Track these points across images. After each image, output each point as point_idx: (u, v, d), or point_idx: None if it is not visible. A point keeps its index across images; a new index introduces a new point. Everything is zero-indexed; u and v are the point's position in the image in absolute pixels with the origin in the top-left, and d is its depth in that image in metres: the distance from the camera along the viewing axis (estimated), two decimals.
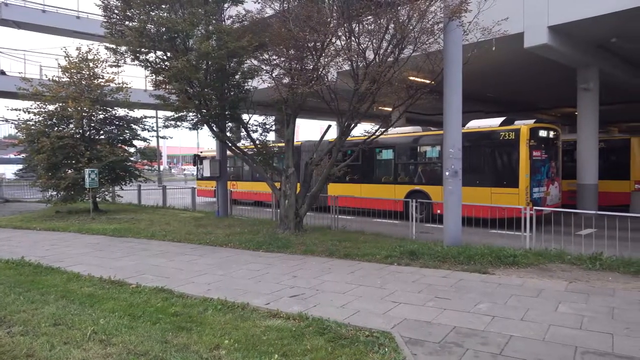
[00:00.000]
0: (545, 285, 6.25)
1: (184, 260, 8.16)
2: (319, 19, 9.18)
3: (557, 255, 7.68)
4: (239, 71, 11.37)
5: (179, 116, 11.88)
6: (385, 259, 7.85)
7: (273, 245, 9.16)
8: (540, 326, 4.70)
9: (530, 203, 11.19)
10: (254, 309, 5.27)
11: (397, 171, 14.85)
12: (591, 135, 14.75)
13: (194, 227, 11.85)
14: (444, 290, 6.07)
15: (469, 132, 12.53)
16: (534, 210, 8.63)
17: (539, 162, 12.36)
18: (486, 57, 10.51)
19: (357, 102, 9.99)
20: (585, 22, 11.22)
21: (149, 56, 11.28)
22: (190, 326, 4.71)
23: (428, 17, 8.72)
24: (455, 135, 8.68)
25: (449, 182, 8.68)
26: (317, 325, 4.65)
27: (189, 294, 5.96)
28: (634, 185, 15.05)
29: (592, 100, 14.74)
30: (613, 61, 15.38)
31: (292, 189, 10.71)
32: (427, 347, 4.21)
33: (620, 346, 4.17)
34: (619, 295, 5.76)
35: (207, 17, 10.59)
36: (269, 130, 12.56)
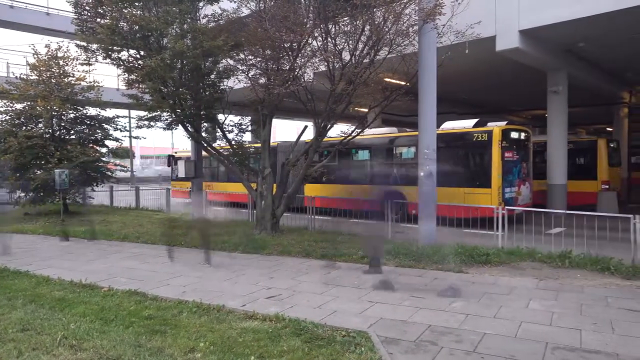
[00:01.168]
0: (516, 283, 6.39)
1: (158, 263, 8.03)
2: (296, 19, 9.17)
3: (528, 253, 7.87)
4: (215, 71, 11.26)
5: (153, 116, 11.67)
6: (362, 259, 7.89)
7: (249, 246, 9.10)
8: (512, 323, 4.81)
9: (502, 203, 11.43)
10: (230, 311, 5.22)
11: (373, 172, 14.94)
12: (560, 136, 15.18)
13: (168, 229, 11.63)
14: (419, 289, 6.14)
15: (443, 133, 12.71)
16: (505, 210, 8.82)
17: (511, 162, 12.64)
18: (460, 59, 10.70)
19: (333, 102, 10.03)
20: (553, 26, 11.54)
21: (122, 54, 11.05)
22: (165, 329, 4.63)
23: (403, 20, 8.82)
24: (430, 137, 8.81)
25: (424, 183, 8.80)
26: (294, 326, 4.64)
27: (164, 296, 5.86)
28: (600, 186, 15.55)
29: (561, 103, 15.16)
30: (581, 65, 15.87)
31: (269, 190, 10.67)
32: (402, 346, 4.26)
33: (588, 341, 4.31)
34: (586, 292, 5.94)
35: (182, 16, 10.44)
36: (245, 130, 12.47)
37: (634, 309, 5.22)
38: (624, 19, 11.01)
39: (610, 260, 7.08)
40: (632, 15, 10.66)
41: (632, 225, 7.09)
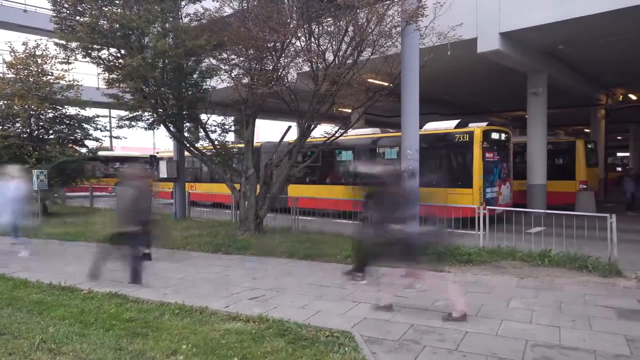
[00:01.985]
0: (497, 282, 6.49)
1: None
2: (279, 19, 9.15)
3: (509, 252, 7.98)
4: (197, 70, 11.17)
5: (134, 116, 11.52)
6: (346, 259, 7.90)
7: (232, 247, 9.04)
8: (494, 321, 4.87)
9: (483, 203, 11.58)
10: (213, 313, 5.18)
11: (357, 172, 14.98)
12: (540, 137, 15.45)
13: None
14: (402, 289, 6.17)
15: (426, 134, 12.82)
16: (487, 210, 8.94)
17: (492, 163, 12.82)
18: (442, 61, 10.82)
19: (317, 103, 10.03)
20: (533, 29, 11.75)
21: (102, 53, 10.88)
22: (146, 332, 4.57)
23: (386, 21, 8.87)
24: (413, 137, 8.87)
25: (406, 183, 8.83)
26: (278, 327, 4.63)
27: (145, 298, 5.78)
28: (578, 185, 15.88)
29: (541, 104, 15.44)
30: (560, 67, 16.18)
31: (252, 190, 10.62)
32: (386, 346, 4.28)
33: (567, 338, 4.39)
34: (565, 290, 6.05)
35: (164, 15, 10.33)
36: (228, 130, 12.40)
37: (611, 306, 5.34)
38: (601, 22, 11.27)
39: (588, 258, 7.23)
40: (609, 18, 10.92)
41: (608, 224, 7.26)
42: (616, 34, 12.42)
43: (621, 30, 12.09)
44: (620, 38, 12.83)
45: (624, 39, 12.89)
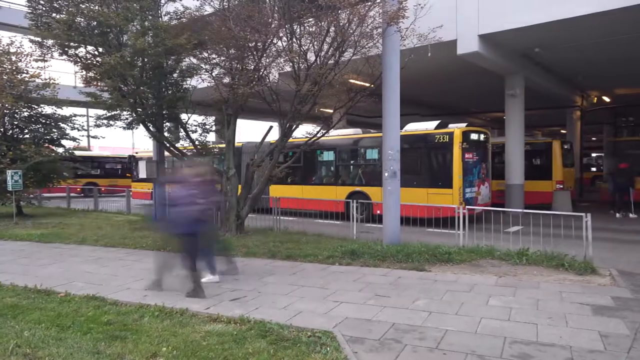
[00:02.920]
0: (477, 281, 6.58)
1: (119, 266, 7.79)
2: (260, 19, 9.12)
3: (488, 251, 8.11)
4: (177, 69, 11.05)
5: (112, 115, 11.35)
6: (327, 259, 7.92)
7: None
8: (473, 319, 4.94)
9: (463, 202, 11.74)
10: (194, 314, 5.13)
11: (338, 172, 15.05)
12: (518, 138, 15.74)
13: (129, 231, 11.34)
14: (383, 288, 6.22)
15: (407, 134, 12.95)
16: (466, 210, 9.07)
17: (471, 163, 13.00)
18: (422, 62, 10.93)
19: (298, 103, 10.03)
20: (511, 32, 11.97)
21: (79, 51, 10.69)
22: (125, 335, 4.50)
23: (367, 22, 8.92)
24: (394, 138, 8.94)
25: (388, 183, 8.92)
26: (259, 328, 4.61)
27: (124, 301, 5.69)
28: (555, 185, 16.23)
29: (518, 106, 15.73)
30: (537, 69, 16.52)
31: (233, 191, 10.55)
32: (367, 345, 4.30)
33: (544, 335, 4.48)
34: (542, 288, 6.18)
35: (143, 13, 10.20)
36: (209, 130, 12.31)
37: (586, 303, 5.47)
38: (576, 26, 11.55)
39: (564, 256, 7.39)
40: (583, 22, 11.19)
41: (584, 222, 7.44)
42: (590, 37, 12.76)
43: (595, 34, 12.42)
44: (594, 41, 13.18)
45: (598, 42, 13.24)
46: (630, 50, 14.26)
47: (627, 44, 13.44)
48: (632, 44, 13.42)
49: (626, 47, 13.91)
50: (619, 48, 13.98)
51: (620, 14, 10.55)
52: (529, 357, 3.99)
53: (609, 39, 12.87)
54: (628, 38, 12.79)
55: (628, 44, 13.44)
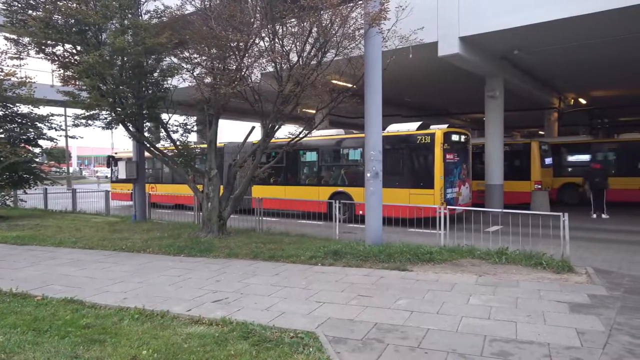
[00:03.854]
0: (458, 280, 6.66)
1: (97, 268, 7.66)
2: (242, 18, 9.08)
3: (468, 251, 8.22)
4: (158, 69, 10.90)
5: (91, 114, 11.13)
6: (310, 260, 7.93)
7: (195, 249, 8.89)
8: (454, 318, 5.00)
9: (444, 203, 11.88)
10: (175, 317, 5.08)
11: (321, 173, 15.07)
12: (497, 139, 15.99)
13: (108, 233, 11.16)
14: (366, 288, 6.25)
15: (389, 135, 13.04)
16: (447, 210, 9.17)
17: (452, 164, 13.16)
18: (404, 63, 11.01)
19: (281, 103, 10.00)
20: (490, 34, 12.15)
21: (57, 49, 10.45)
22: (104, 338, 4.43)
23: (350, 23, 8.95)
24: (376, 138, 8.99)
25: (370, 184, 8.96)
26: (241, 329, 4.58)
27: (103, 304, 5.60)
28: (534, 185, 16.53)
29: (498, 107, 15.98)
30: (516, 72, 16.81)
31: (215, 191, 10.47)
32: (350, 345, 4.31)
33: (523, 332, 4.56)
34: (521, 286, 6.29)
35: (122, 11, 10.03)
36: (191, 130, 12.16)
37: (563, 301, 5.59)
38: (553, 29, 11.79)
39: (542, 255, 7.54)
40: (560, 26, 11.43)
41: (561, 222, 7.59)
42: (567, 41, 13.04)
43: (572, 37, 12.70)
44: (570, 45, 13.47)
45: (575, 45, 13.54)
46: (605, 53, 14.64)
47: (603, 47, 13.79)
48: (608, 47, 13.78)
49: (601, 51, 14.27)
50: (595, 51, 14.33)
51: (596, 18, 10.81)
52: (508, 354, 4.05)
53: (585, 42, 13.17)
54: (604, 42, 13.12)
55: (603, 47, 13.79)
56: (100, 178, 48.39)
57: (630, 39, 12.78)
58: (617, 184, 15.94)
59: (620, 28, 11.81)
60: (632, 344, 4.25)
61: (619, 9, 10.18)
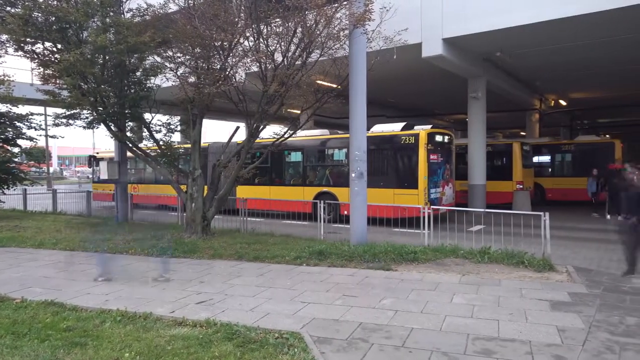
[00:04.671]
0: (441, 279, 6.72)
1: (78, 270, 7.53)
2: (226, 18, 9.02)
3: (452, 250, 8.30)
4: (141, 68, 10.78)
5: (72, 114, 10.96)
6: (295, 260, 7.92)
7: (179, 250, 8.80)
8: (438, 317, 5.05)
9: (428, 203, 11.97)
10: (158, 319, 5.02)
11: (306, 173, 15.06)
12: (480, 140, 16.18)
13: (90, 234, 10.98)
14: (350, 288, 6.27)
15: (373, 136, 13.09)
16: (431, 210, 9.25)
17: (436, 164, 13.27)
18: (388, 64, 11.07)
19: (265, 104, 9.97)
20: (473, 36, 12.30)
21: (36, 47, 10.28)
22: (85, 341, 4.36)
23: (334, 23, 8.97)
24: (361, 139, 9.03)
25: (355, 184, 8.99)
26: (226, 330, 4.55)
27: (84, 306, 5.51)
28: (515, 186, 16.78)
29: (481, 108, 16.17)
30: (498, 73, 17.04)
31: (199, 192, 10.39)
32: (335, 345, 4.32)
33: (505, 330, 4.63)
34: (503, 285, 6.37)
35: (104, 9, 9.90)
36: (174, 130, 12.05)
37: (544, 299, 5.68)
38: (534, 32, 11.98)
39: (524, 254, 7.65)
40: (541, 29, 11.63)
41: (542, 221, 7.72)
42: (547, 43, 13.27)
43: (552, 40, 12.93)
44: (551, 47, 13.71)
45: (555, 48, 13.79)
46: (585, 56, 14.93)
47: (583, 50, 14.06)
48: (588, 50, 14.05)
49: (582, 53, 14.55)
50: (575, 54, 14.61)
51: (576, 21, 11.02)
52: (491, 352, 4.10)
53: (566, 45, 13.42)
54: (584, 44, 13.38)
55: (584, 50, 14.06)
56: (81, 178, 47.65)
57: (610, 41, 13.07)
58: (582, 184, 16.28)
59: (600, 31, 12.07)
60: (611, 341, 4.35)
61: (598, 12, 10.40)
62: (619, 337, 4.45)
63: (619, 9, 10.13)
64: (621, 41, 13.01)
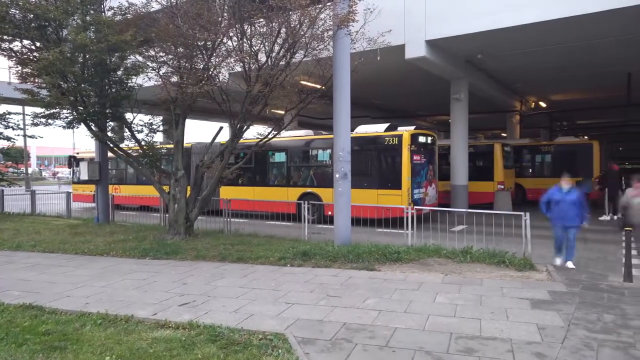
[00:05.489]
0: (425, 279, 6.78)
1: (58, 273, 7.39)
2: (210, 17, 8.95)
3: (435, 250, 8.38)
4: (122, 67, 10.61)
5: (51, 113, 10.72)
6: (279, 261, 7.90)
7: (161, 251, 8.70)
8: (421, 317, 5.09)
9: (411, 203, 12.06)
10: (140, 321, 4.95)
11: (290, 174, 15.04)
12: (462, 141, 16.37)
13: (70, 236, 10.79)
14: (334, 289, 6.28)
15: (358, 136, 13.14)
16: (414, 210, 9.32)
17: (419, 165, 13.38)
18: (372, 65, 11.13)
19: (249, 104, 9.93)
20: (455, 38, 12.44)
21: (14, 45, 10.06)
22: (65, 345, 4.28)
23: (318, 24, 8.98)
24: (345, 139, 9.05)
25: (339, 184, 9.01)
26: (209, 332, 4.52)
27: (64, 309, 5.41)
28: (497, 186, 17.01)
29: (463, 109, 16.36)
30: (479, 75, 17.27)
31: (182, 193, 10.28)
32: (319, 346, 4.32)
33: (487, 329, 4.69)
34: (485, 284, 6.46)
35: (84, 7, 9.74)
36: (156, 130, 11.91)
37: (525, 298, 5.77)
38: (514, 35, 12.17)
39: (505, 254, 7.76)
40: (521, 32, 11.82)
41: (523, 221, 7.84)
42: (528, 46, 13.50)
43: (533, 42, 13.16)
44: (531, 50, 13.95)
45: (535, 50, 14.04)
46: (564, 58, 15.21)
47: (562, 53, 14.34)
48: (567, 52, 14.33)
49: (561, 56, 14.83)
50: (555, 56, 14.88)
51: (556, 25, 11.21)
52: (473, 351, 4.15)
53: (546, 47, 13.67)
54: (563, 47, 13.65)
55: (562, 53, 14.34)
56: (60, 179, 46.72)
57: (589, 44, 13.35)
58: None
59: (579, 34, 12.32)
60: (589, 338, 4.44)
61: (578, 16, 10.61)
62: (596, 334, 4.54)
63: (597, 13, 10.36)
64: (599, 44, 13.32)
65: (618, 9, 10.10)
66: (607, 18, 10.76)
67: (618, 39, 12.80)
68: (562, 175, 7.67)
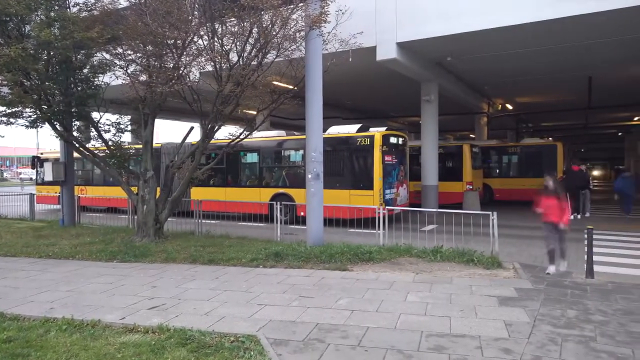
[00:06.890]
0: (396, 278, 6.86)
1: (21, 277, 7.13)
2: (180, 15, 8.81)
3: (406, 250, 8.49)
4: (88, 64, 10.30)
5: (13, 112, 10.32)
6: (251, 262, 7.84)
7: (129, 254, 8.51)
8: (393, 316, 5.15)
9: (383, 203, 12.17)
10: (107, 326, 4.83)
11: (262, 174, 14.95)
12: (432, 142, 16.64)
13: (33, 239, 10.42)
14: (307, 289, 6.28)
15: (330, 137, 13.18)
16: (386, 210, 9.42)
17: (390, 166, 13.53)
18: (344, 67, 11.18)
19: (220, 104, 9.82)
20: (425, 41, 12.63)
21: None
22: (28, 352, 4.13)
23: (290, 25, 8.97)
24: (317, 140, 9.06)
25: (311, 185, 9.02)
26: (179, 336, 4.44)
27: (27, 315, 5.22)
28: (465, 186, 17.37)
29: (433, 111, 16.64)
30: (449, 77, 17.60)
31: (152, 194, 10.08)
32: (291, 346, 4.31)
33: (456, 327, 4.78)
34: (455, 283, 6.58)
35: (48, 2, 9.42)
36: (124, 130, 11.61)
37: (492, 295, 5.91)
38: (482, 38, 12.46)
39: (474, 253, 7.93)
40: (489, 36, 12.11)
41: (491, 221, 8.04)
42: (495, 50, 13.85)
43: (499, 46, 13.51)
44: (498, 53, 14.31)
45: (502, 54, 14.41)
46: (530, 62, 15.67)
47: (527, 57, 14.76)
48: (533, 56, 14.76)
49: (527, 60, 15.26)
50: (521, 60, 15.31)
51: (522, 29, 11.55)
52: (443, 348, 4.23)
53: (512, 51, 14.05)
54: (527, 52, 14.05)
55: (527, 57, 14.77)
56: (23, 180, 45.03)
57: (552, 49, 13.79)
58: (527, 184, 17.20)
59: (544, 39, 12.71)
60: (554, 333, 4.58)
61: (542, 22, 10.95)
62: (561, 329, 4.70)
63: (559, 19, 10.71)
64: (562, 49, 13.78)
65: (576, 16, 10.49)
66: (568, 25, 11.16)
67: (579, 44, 13.27)
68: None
